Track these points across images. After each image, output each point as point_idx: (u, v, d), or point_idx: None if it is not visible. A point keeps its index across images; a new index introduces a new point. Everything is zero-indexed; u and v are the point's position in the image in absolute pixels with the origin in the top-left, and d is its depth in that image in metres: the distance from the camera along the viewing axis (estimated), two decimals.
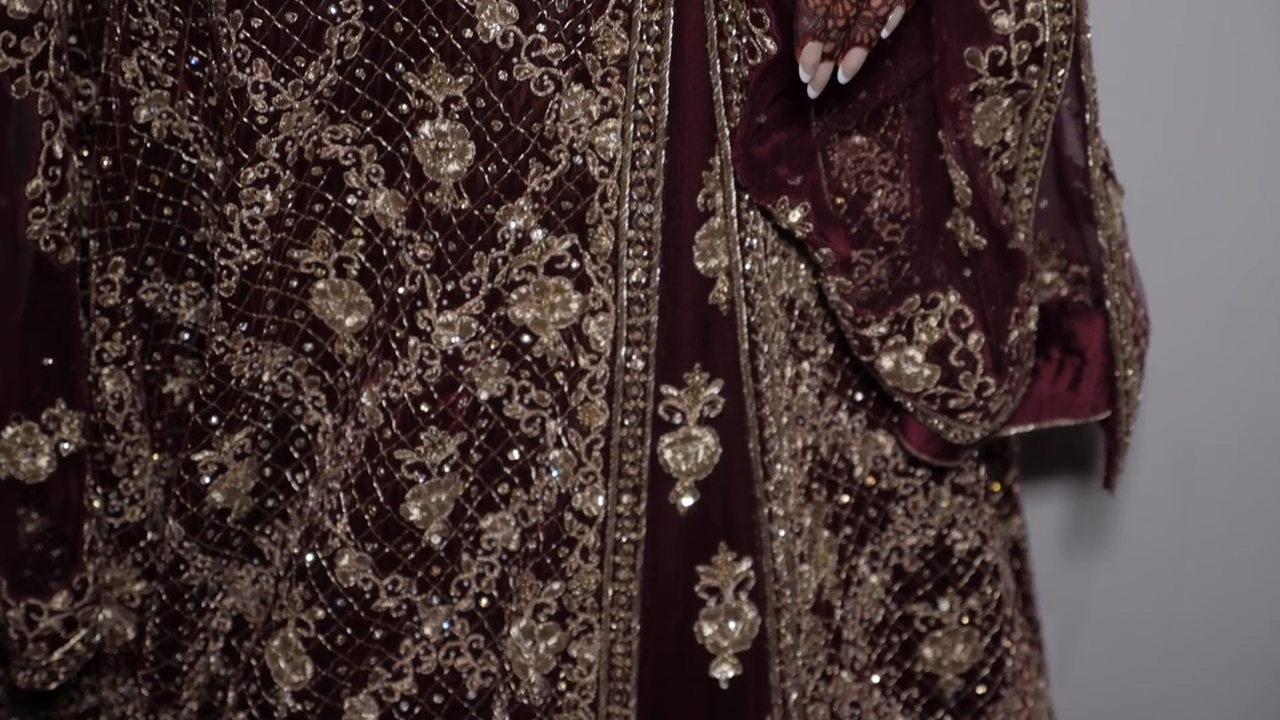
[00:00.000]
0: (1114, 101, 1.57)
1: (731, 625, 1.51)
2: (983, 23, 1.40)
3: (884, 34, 1.28)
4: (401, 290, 1.38)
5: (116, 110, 1.42)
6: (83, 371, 1.46)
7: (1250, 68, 1.96)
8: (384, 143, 1.36)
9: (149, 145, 1.43)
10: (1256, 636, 2.16)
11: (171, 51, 1.39)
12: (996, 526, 1.64)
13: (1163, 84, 1.96)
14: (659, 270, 1.40)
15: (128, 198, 1.44)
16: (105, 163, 1.44)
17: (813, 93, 1.30)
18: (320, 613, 1.43)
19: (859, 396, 1.53)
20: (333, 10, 1.32)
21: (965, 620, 1.61)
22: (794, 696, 1.52)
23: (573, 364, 1.41)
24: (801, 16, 1.26)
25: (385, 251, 1.38)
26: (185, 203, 1.44)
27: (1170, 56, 1.96)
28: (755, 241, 1.42)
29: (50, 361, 1.44)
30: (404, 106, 1.35)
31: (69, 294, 1.43)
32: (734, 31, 1.35)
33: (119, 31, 1.40)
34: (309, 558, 1.43)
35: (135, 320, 1.47)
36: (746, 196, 1.40)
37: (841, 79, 1.30)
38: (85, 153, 1.46)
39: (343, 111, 1.35)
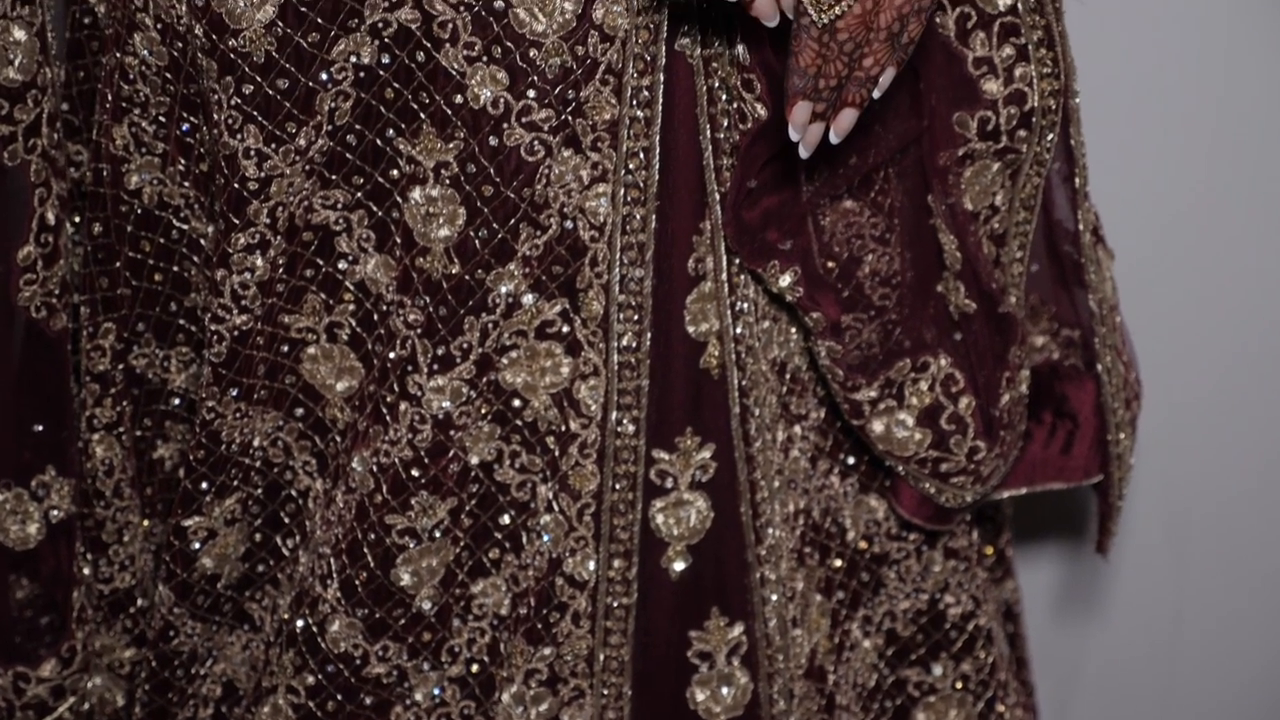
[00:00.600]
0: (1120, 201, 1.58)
1: (724, 691, 1.50)
2: (971, 88, 1.41)
3: (875, 95, 1.28)
4: (392, 355, 1.38)
5: (108, 176, 1.42)
6: (73, 438, 1.46)
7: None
8: (375, 208, 1.36)
9: (140, 211, 1.43)
10: (1252, 701, 2.15)
11: (163, 118, 1.39)
12: (990, 590, 1.63)
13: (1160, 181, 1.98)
14: (650, 334, 1.40)
15: (118, 264, 1.44)
16: (97, 229, 1.44)
17: (804, 153, 1.30)
18: (311, 679, 1.42)
19: (851, 460, 1.53)
20: (324, 76, 1.33)
21: (959, 685, 1.60)
22: None
23: (563, 428, 1.41)
24: (793, 76, 1.27)
25: (376, 316, 1.38)
26: (176, 268, 1.44)
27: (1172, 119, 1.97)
28: (746, 305, 1.42)
29: (40, 428, 1.44)
30: (395, 172, 1.35)
31: (60, 360, 1.43)
32: (724, 97, 1.36)
33: (110, 98, 1.40)
34: (299, 623, 1.42)
35: (126, 386, 1.47)
36: (737, 261, 1.40)
37: (833, 139, 1.30)
38: (77, 219, 1.46)
39: (334, 177, 1.35)
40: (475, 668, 1.44)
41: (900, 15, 1.24)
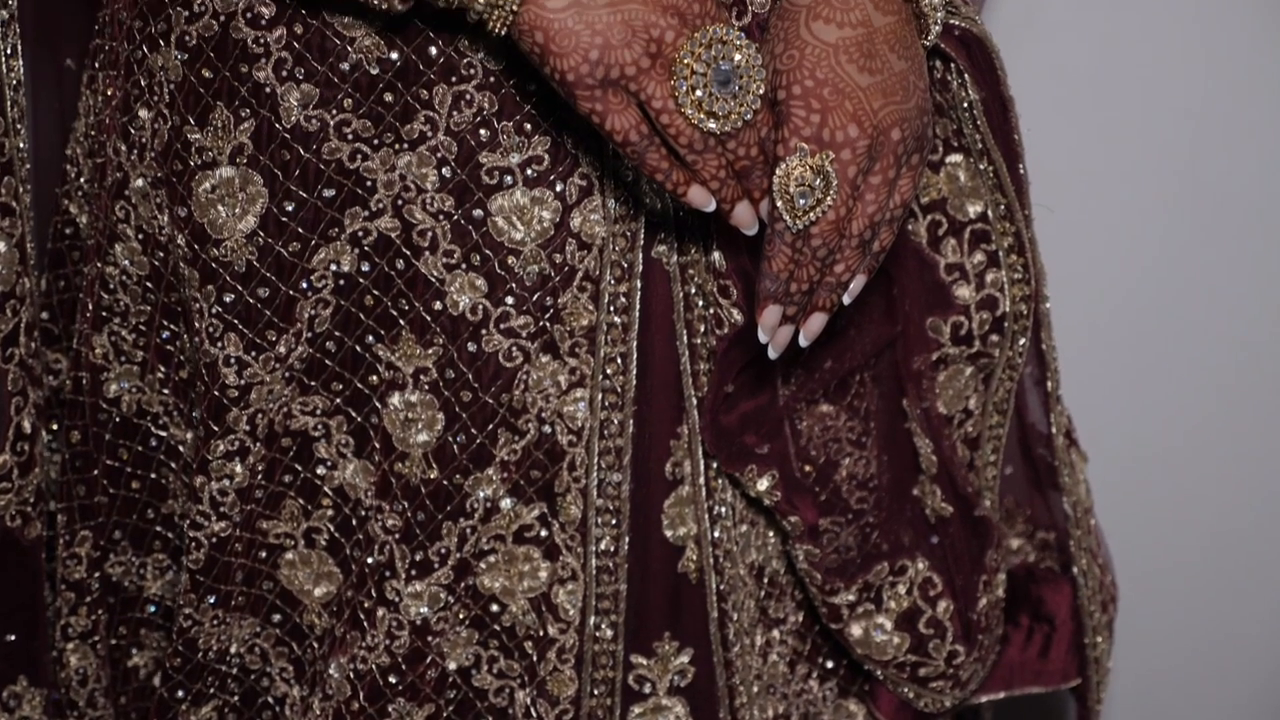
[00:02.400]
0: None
1: None
2: (944, 293, 1.43)
3: (846, 300, 1.30)
4: (370, 560, 1.38)
5: (87, 385, 1.42)
6: (46, 648, 1.44)
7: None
8: (354, 414, 1.37)
9: (118, 420, 1.43)
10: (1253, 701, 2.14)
11: (143, 326, 1.40)
12: None
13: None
14: (628, 538, 1.40)
15: (96, 471, 1.44)
16: (75, 437, 1.44)
17: (773, 353, 1.31)
18: None
19: (829, 664, 1.53)
20: (304, 285, 1.34)
21: None
22: None
23: (541, 633, 1.40)
24: (764, 279, 1.28)
25: (354, 521, 1.38)
26: (154, 475, 1.44)
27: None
28: (724, 510, 1.42)
29: (13, 638, 1.42)
30: (374, 378, 1.36)
31: (34, 569, 1.42)
32: (700, 303, 1.38)
33: (91, 308, 1.41)
34: None
35: (102, 594, 1.46)
36: (715, 464, 1.41)
37: (802, 342, 1.31)
38: (54, 427, 1.46)
39: (313, 383, 1.36)
40: None
41: (872, 222, 1.26)
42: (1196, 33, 2.02)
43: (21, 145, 1.38)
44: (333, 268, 1.33)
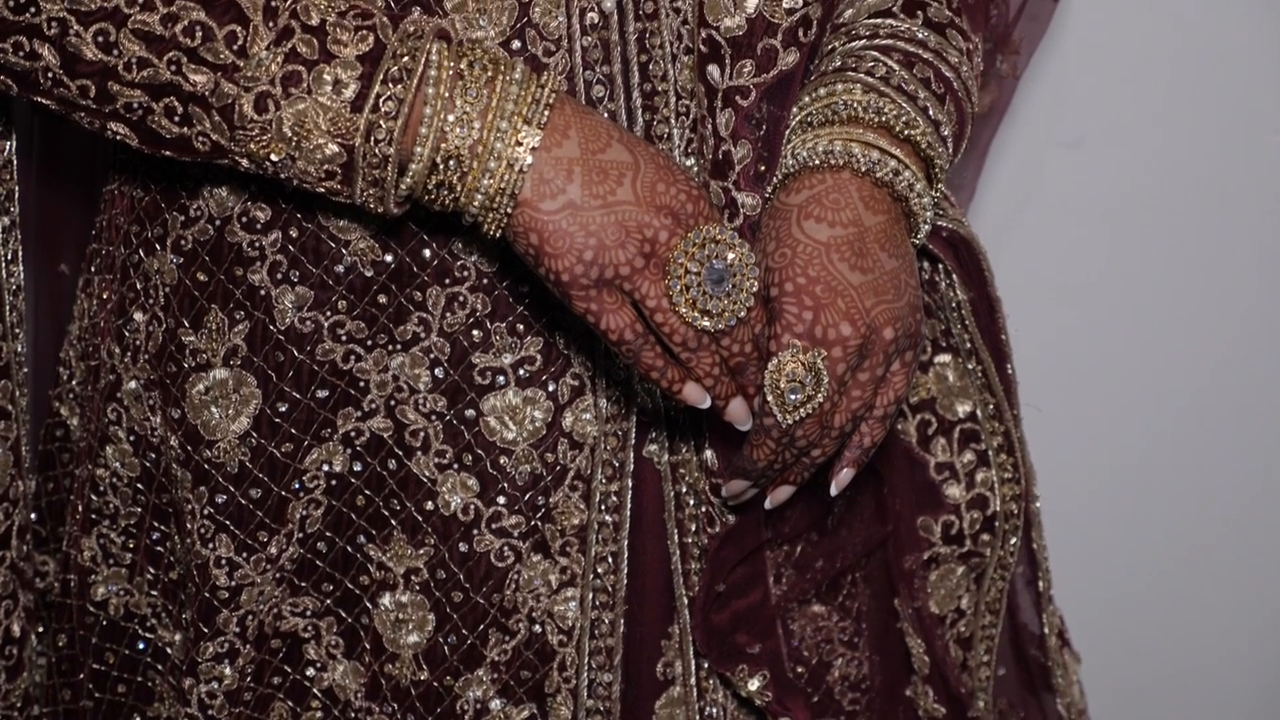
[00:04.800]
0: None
1: None
2: (934, 492, 1.43)
3: (833, 492, 1.30)
4: None
5: (74, 588, 1.42)
6: None
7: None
8: (344, 614, 1.36)
9: (105, 623, 1.42)
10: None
11: (133, 528, 1.40)
12: None
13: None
14: None
15: (82, 675, 1.43)
16: (61, 641, 1.43)
17: (726, 495, 1.33)
18: None
19: None
20: (296, 485, 1.34)
21: None
22: None
23: None
24: (742, 461, 1.29)
25: None
26: (140, 679, 1.43)
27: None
28: (715, 710, 1.41)
29: None
30: (365, 578, 1.35)
31: None
32: (692, 501, 1.38)
33: (80, 510, 1.41)
34: None
35: None
36: (706, 664, 1.40)
37: (768, 506, 1.32)
38: (41, 629, 1.45)
39: (304, 584, 1.36)
40: None
41: (853, 415, 1.27)
42: (1185, 223, 2.06)
43: (19, 349, 1.39)
44: (325, 468, 1.34)
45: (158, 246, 1.34)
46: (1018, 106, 1.69)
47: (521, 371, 1.33)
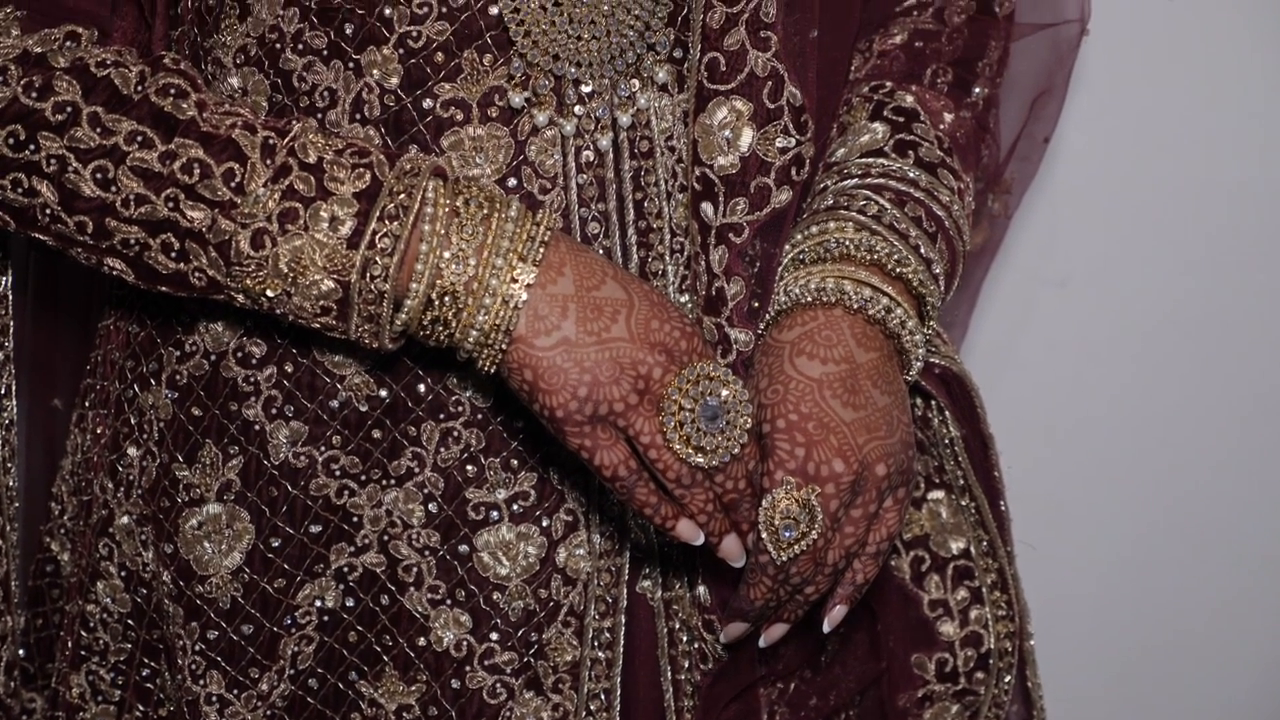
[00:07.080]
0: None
1: None
2: (928, 630, 1.43)
3: (826, 628, 1.30)
4: None
5: None
6: None
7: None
8: None
9: None
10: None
11: (122, 665, 1.39)
12: None
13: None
14: None
15: None
16: None
17: (724, 640, 1.33)
18: None
19: None
20: (288, 621, 1.33)
21: None
22: None
23: None
24: (739, 601, 1.29)
25: None
26: None
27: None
28: None
29: None
30: (356, 715, 1.34)
31: None
32: (685, 638, 1.37)
33: (70, 646, 1.40)
34: None
35: None
36: None
37: (762, 644, 1.32)
38: None
39: None
40: None
41: (847, 552, 1.27)
42: (1173, 362, 2.07)
43: (11, 484, 1.39)
44: (317, 603, 1.33)
45: (152, 381, 1.34)
46: (1009, 245, 1.71)
47: (515, 507, 1.33)
